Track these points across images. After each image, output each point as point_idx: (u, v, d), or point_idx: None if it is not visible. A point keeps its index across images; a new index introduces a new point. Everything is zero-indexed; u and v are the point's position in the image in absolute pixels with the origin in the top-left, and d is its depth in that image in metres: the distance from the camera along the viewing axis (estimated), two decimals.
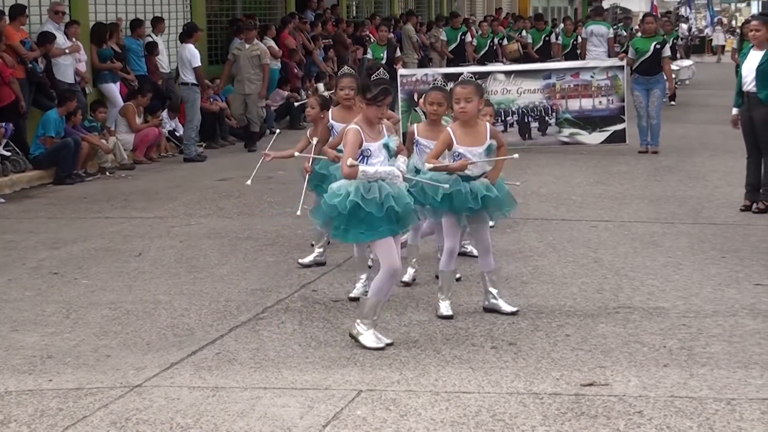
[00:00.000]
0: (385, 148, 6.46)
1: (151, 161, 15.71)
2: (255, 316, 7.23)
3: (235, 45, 17.32)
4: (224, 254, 9.18)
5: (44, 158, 13.64)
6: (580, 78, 15.81)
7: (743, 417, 5.25)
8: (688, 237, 9.58)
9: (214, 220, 10.87)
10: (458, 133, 6.88)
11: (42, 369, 6.20)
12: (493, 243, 7.31)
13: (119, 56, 16.16)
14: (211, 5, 20.20)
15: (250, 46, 16.80)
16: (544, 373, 5.95)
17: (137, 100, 15.88)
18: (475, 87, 6.95)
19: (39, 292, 8.04)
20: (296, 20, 21.52)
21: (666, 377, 5.84)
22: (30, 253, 9.41)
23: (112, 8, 16.94)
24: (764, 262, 8.55)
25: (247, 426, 5.24)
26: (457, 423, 5.23)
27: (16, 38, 13.75)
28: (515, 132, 16.13)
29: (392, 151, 6.50)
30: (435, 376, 5.93)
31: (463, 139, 6.87)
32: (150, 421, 5.32)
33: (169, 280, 8.32)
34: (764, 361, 6.10)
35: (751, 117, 10.66)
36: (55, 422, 5.35)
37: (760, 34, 10.60)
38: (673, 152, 15.32)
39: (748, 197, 10.83)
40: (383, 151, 6.45)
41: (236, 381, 5.91)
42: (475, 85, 6.99)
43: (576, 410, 5.36)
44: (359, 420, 5.29)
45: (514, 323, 6.91)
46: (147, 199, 12.30)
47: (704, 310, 7.19)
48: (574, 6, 49.80)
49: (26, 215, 11.43)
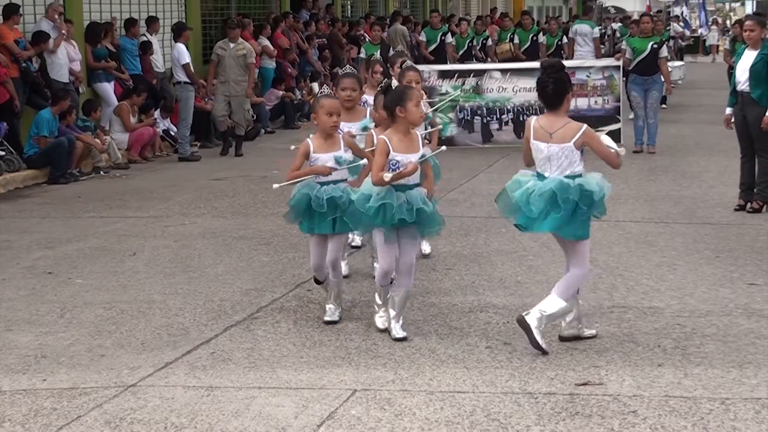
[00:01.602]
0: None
1: (145, 161, 15.69)
2: (249, 316, 7.23)
3: (219, 45, 16.41)
4: (219, 254, 9.17)
5: (38, 158, 13.62)
6: (576, 77, 15.79)
7: (737, 416, 5.25)
8: (682, 237, 9.59)
9: (208, 220, 10.86)
10: (394, 141, 6.52)
11: (36, 368, 6.19)
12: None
13: (114, 55, 16.14)
14: (206, 5, 20.19)
15: (235, 45, 16.06)
16: (539, 372, 5.96)
17: (132, 100, 15.86)
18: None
19: (33, 291, 8.03)
20: (290, 19, 21.50)
21: (660, 377, 5.85)
22: (24, 252, 9.39)
23: (107, 7, 16.92)
24: (758, 262, 8.56)
25: (242, 425, 5.24)
26: (452, 422, 5.23)
27: (10, 37, 13.74)
28: (510, 131, 16.15)
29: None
30: (430, 376, 5.93)
31: (398, 146, 6.51)
32: (144, 421, 5.32)
33: (164, 280, 8.31)
34: (758, 361, 6.11)
35: (744, 116, 10.67)
36: (49, 422, 5.34)
37: (754, 34, 10.62)
38: (667, 152, 15.34)
39: (742, 197, 10.85)
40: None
41: (231, 380, 5.91)
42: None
43: (570, 410, 5.36)
44: (354, 419, 5.29)
45: (509, 323, 6.92)
46: (141, 198, 12.28)
47: (698, 310, 7.20)
48: (569, 5, 49.81)
49: (20, 215, 11.41)
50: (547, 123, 6.34)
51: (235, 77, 16.03)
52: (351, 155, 6.98)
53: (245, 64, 16.09)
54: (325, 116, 6.85)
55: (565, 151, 6.24)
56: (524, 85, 16.18)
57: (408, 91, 6.61)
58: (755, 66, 10.48)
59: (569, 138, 6.23)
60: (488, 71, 16.68)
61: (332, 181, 6.87)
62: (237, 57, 15.99)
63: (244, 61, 16.06)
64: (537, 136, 6.34)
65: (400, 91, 6.63)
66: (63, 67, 14.65)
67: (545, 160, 6.31)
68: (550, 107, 6.37)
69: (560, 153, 6.25)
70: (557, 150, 6.25)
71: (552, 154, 6.27)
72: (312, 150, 6.89)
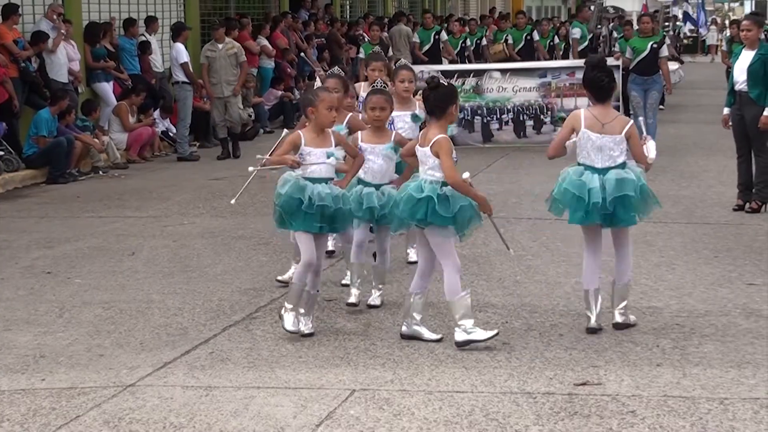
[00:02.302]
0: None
1: (144, 160, 15.69)
2: (248, 316, 7.23)
3: (207, 48, 15.94)
4: (218, 253, 9.17)
5: (37, 157, 13.62)
6: (576, 77, 15.80)
7: (736, 416, 5.26)
8: (681, 236, 9.59)
9: (207, 220, 10.86)
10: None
11: (35, 368, 6.19)
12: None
13: (112, 55, 16.14)
14: (205, 4, 20.18)
15: (224, 45, 15.68)
16: (538, 372, 5.96)
17: (130, 100, 15.86)
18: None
19: (32, 291, 8.03)
20: (288, 19, 21.49)
21: (659, 377, 5.85)
22: (23, 252, 9.39)
23: (106, 7, 16.92)
24: (757, 262, 8.56)
25: (241, 425, 5.24)
26: (451, 422, 5.23)
27: (9, 37, 13.73)
28: (510, 130, 16.15)
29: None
30: (428, 376, 5.93)
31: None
32: (143, 421, 5.32)
33: (163, 280, 8.31)
34: (757, 361, 6.11)
35: (742, 116, 10.68)
36: (48, 421, 5.34)
37: (752, 33, 10.63)
38: (666, 152, 15.29)
39: (740, 197, 10.85)
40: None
41: (229, 380, 5.91)
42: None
43: (569, 409, 5.37)
44: (352, 419, 5.29)
45: (508, 323, 6.92)
46: (140, 198, 12.28)
47: (697, 310, 7.20)
48: (568, 5, 49.77)
49: (19, 214, 11.41)
50: (599, 114, 6.66)
51: (227, 78, 15.70)
52: (342, 152, 6.89)
53: (237, 63, 15.78)
54: (325, 111, 6.72)
55: (616, 141, 6.59)
56: (524, 85, 16.19)
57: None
58: (753, 66, 10.49)
59: (619, 130, 6.59)
60: (488, 71, 16.67)
61: (323, 180, 6.69)
62: (228, 56, 15.66)
63: (236, 60, 15.75)
64: (588, 126, 6.63)
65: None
66: (62, 66, 14.65)
67: (596, 149, 6.62)
68: (601, 100, 6.72)
69: (611, 143, 6.59)
70: (609, 140, 6.59)
71: (603, 144, 6.59)
72: (303, 143, 6.69)
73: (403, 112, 8.08)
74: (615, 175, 6.56)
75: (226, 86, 15.70)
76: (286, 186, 6.65)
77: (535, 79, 16.24)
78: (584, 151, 6.65)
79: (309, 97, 6.86)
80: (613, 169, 6.59)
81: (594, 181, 6.55)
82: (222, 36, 15.80)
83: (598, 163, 6.60)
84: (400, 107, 8.02)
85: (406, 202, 6.39)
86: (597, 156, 6.61)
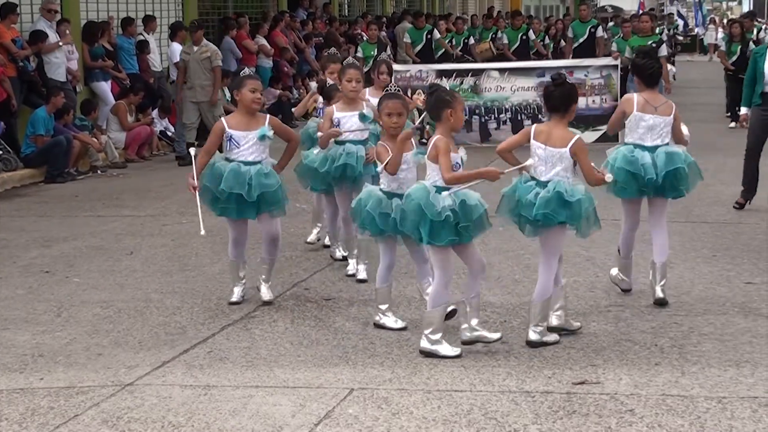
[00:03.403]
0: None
1: (143, 159, 15.69)
2: (247, 315, 7.23)
3: (183, 49, 15.38)
4: (216, 252, 9.16)
5: (35, 157, 13.62)
6: (574, 76, 15.76)
7: (734, 415, 5.26)
8: (679, 235, 9.59)
9: (206, 219, 10.82)
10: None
11: (33, 367, 6.19)
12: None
13: (111, 55, 16.13)
14: (203, 4, 20.19)
15: (199, 48, 14.99)
16: (536, 371, 5.96)
17: (129, 99, 15.85)
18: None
19: (30, 290, 8.02)
20: (287, 18, 21.49)
21: (657, 375, 5.85)
22: (21, 251, 9.39)
23: (104, 6, 16.92)
24: (755, 261, 8.57)
25: (239, 424, 5.24)
26: (449, 421, 5.23)
27: (6, 37, 13.73)
28: (508, 130, 16.13)
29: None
30: (427, 375, 5.93)
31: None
32: (141, 420, 5.31)
33: (161, 279, 8.31)
34: (755, 360, 6.12)
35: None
36: (46, 421, 5.34)
37: None
38: None
39: (743, 196, 10.84)
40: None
41: (228, 379, 5.91)
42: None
43: (567, 408, 5.37)
44: (351, 418, 5.29)
45: (506, 321, 6.92)
46: (139, 197, 12.28)
47: (696, 309, 7.21)
48: (566, 5, 49.80)
49: (17, 213, 11.41)
50: (649, 98, 7.37)
51: (200, 82, 14.93)
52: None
53: (210, 68, 14.96)
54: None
55: (666, 122, 7.31)
56: (522, 85, 16.19)
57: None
58: None
59: (669, 112, 7.33)
60: (486, 71, 16.67)
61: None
62: (201, 61, 14.93)
63: (209, 65, 14.95)
64: (641, 109, 7.33)
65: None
66: (60, 66, 14.64)
67: (647, 129, 7.31)
68: (650, 85, 7.41)
69: (663, 124, 7.31)
70: (660, 121, 7.30)
71: (655, 125, 7.30)
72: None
73: (350, 113, 8.02)
74: (665, 150, 7.25)
75: (200, 90, 14.98)
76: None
77: (533, 78, 16.24)
78: (635, 131, 7.34)
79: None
80: (661, 147, 7.27)
81: (646, 158, 7.22)
82: (200, 38, 15.21)
83: (648, 141, 7.29)
84: (347, 107, 8.04)
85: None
86: (647, 135, 7.31)
